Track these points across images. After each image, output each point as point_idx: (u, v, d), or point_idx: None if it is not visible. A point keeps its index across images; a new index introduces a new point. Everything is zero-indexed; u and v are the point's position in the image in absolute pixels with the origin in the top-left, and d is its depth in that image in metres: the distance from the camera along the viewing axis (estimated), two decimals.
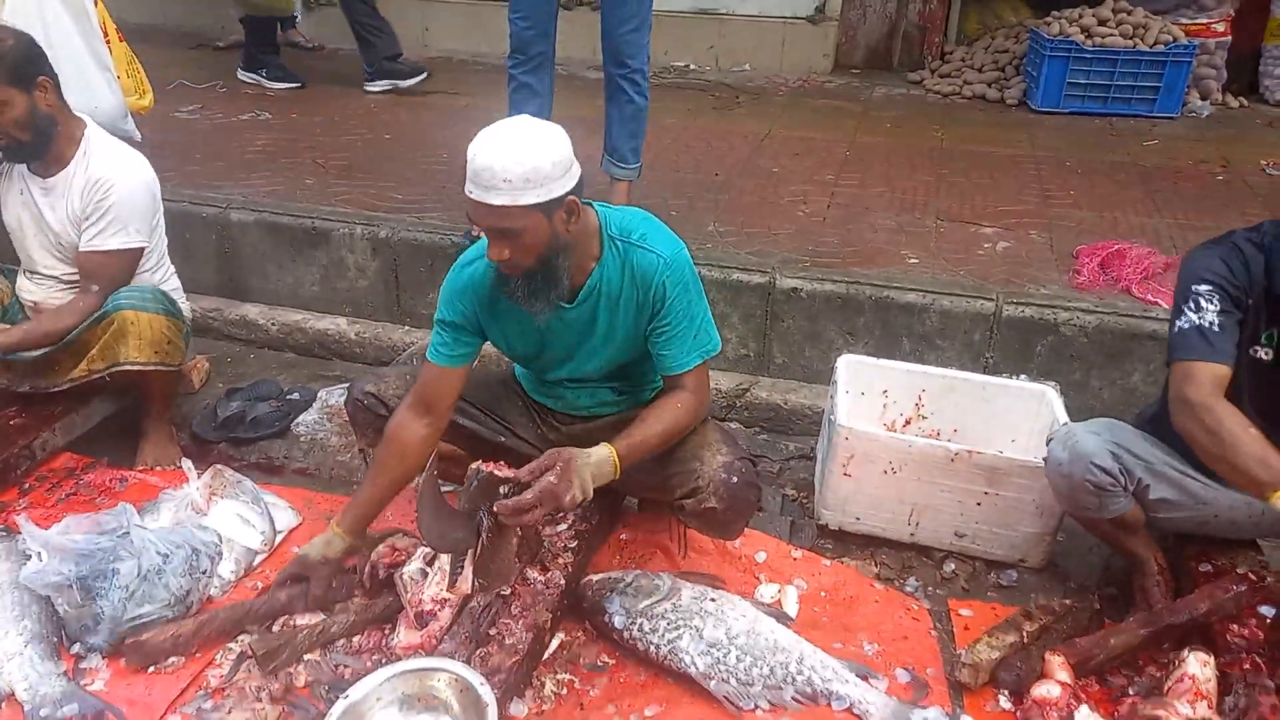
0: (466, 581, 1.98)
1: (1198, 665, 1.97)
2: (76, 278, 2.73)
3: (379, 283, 3.69)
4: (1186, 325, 2.00)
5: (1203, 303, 1.99)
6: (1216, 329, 1.96)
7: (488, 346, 2.27)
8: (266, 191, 3.92)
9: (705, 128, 5.01)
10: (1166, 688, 1.97)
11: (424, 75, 5.53)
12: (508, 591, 2.10)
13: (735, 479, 2.15)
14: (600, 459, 1.95)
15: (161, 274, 2.90)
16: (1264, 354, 2.05)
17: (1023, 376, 2.98)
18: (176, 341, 2.75)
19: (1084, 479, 2.15)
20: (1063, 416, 2.53)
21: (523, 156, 1.83)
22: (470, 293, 2.13)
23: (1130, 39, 5.20)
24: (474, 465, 1.92)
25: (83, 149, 2.64)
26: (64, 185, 2.63)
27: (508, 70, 3.39)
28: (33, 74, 2.50)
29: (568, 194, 1.90)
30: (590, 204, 2.09)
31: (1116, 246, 3.36)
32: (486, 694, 1.80)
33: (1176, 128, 5.17)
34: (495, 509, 1.86)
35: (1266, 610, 2.12)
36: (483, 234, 2.26)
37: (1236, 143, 4.89)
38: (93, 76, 3.46)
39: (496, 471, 1.88)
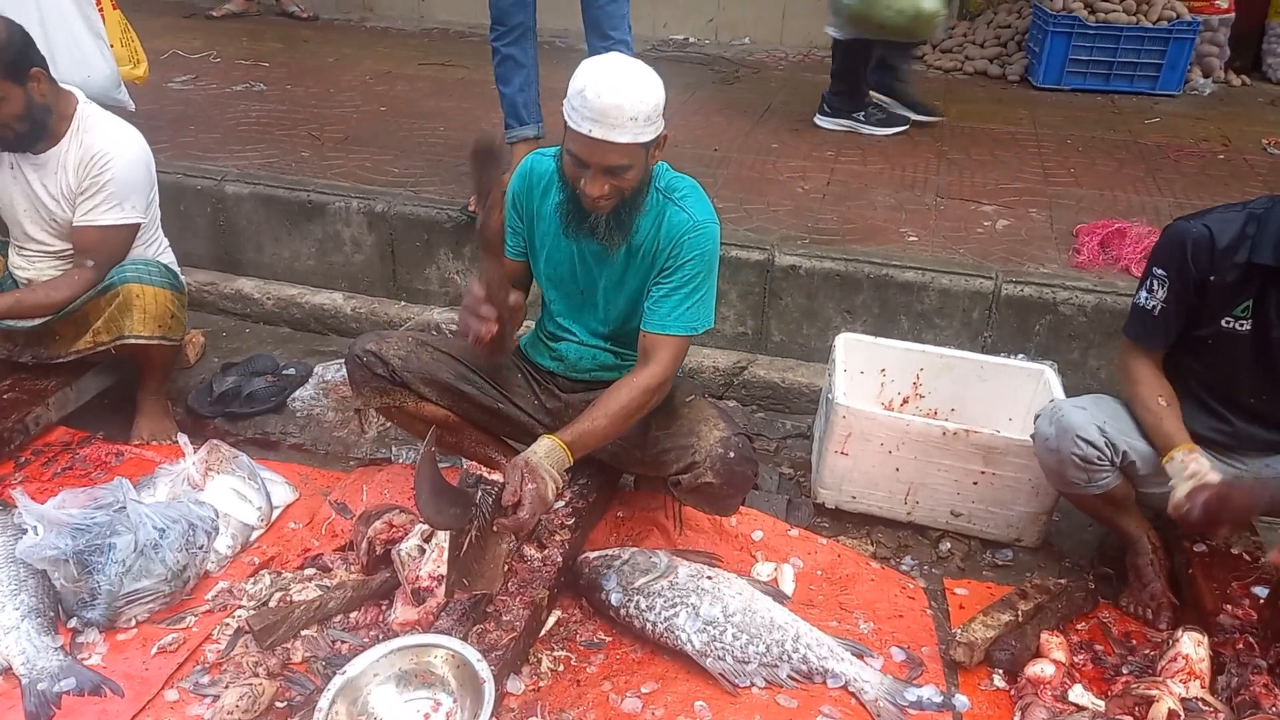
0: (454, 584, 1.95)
1: (1191, 645, 1.99)
2: (71, 252, 2.71)
3: (375, 257, 3.67)
4: (1138, 304, 2.19)
5: (1155, 286, 2.14)
6: (1157, 316, 2.14)
7: None
8: (261, 164, 3.88)
9: (704, 102, 4.96)
10: (1160, 667, 1.99)
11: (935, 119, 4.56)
12: (494, 591, 2.08)
13: (732, 454, 2.15)
14: (547, 449, 1.95)
15: (156, 247, 2.88)
16: (1239, 326, 2.08)
17: (1021, 356, 2.97)
18: (179, 316, 2.75)
19: (1071, 453, 2.16)
20: (1060, 395, 2.53)
21: (647, 95, 1.90)
22: (530, 181, 2.19)
23: (1133, 15, 5.14)
24: (464, 468, 1.92)
25: (75, 124, 2.60)
26: (57, 161, 2.59)
27: (491, 44, 3.35)
28: (26, 66, 2.45)
29: (664, 130, 1.99)
30: None
31: (1116, 225, 3.34)
32: (484, 670, 1.81)
33: (1178, 105, 5.13)
34: (495, 528, 1.87)
35: (1259, 590, 2.13)
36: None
37: (1238, 121, 4.85)
38: (86, 45, 3.41)
39: (486, 475, 1.89)
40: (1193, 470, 2.01)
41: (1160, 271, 2.13)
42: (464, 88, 5.02)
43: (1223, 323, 2.09)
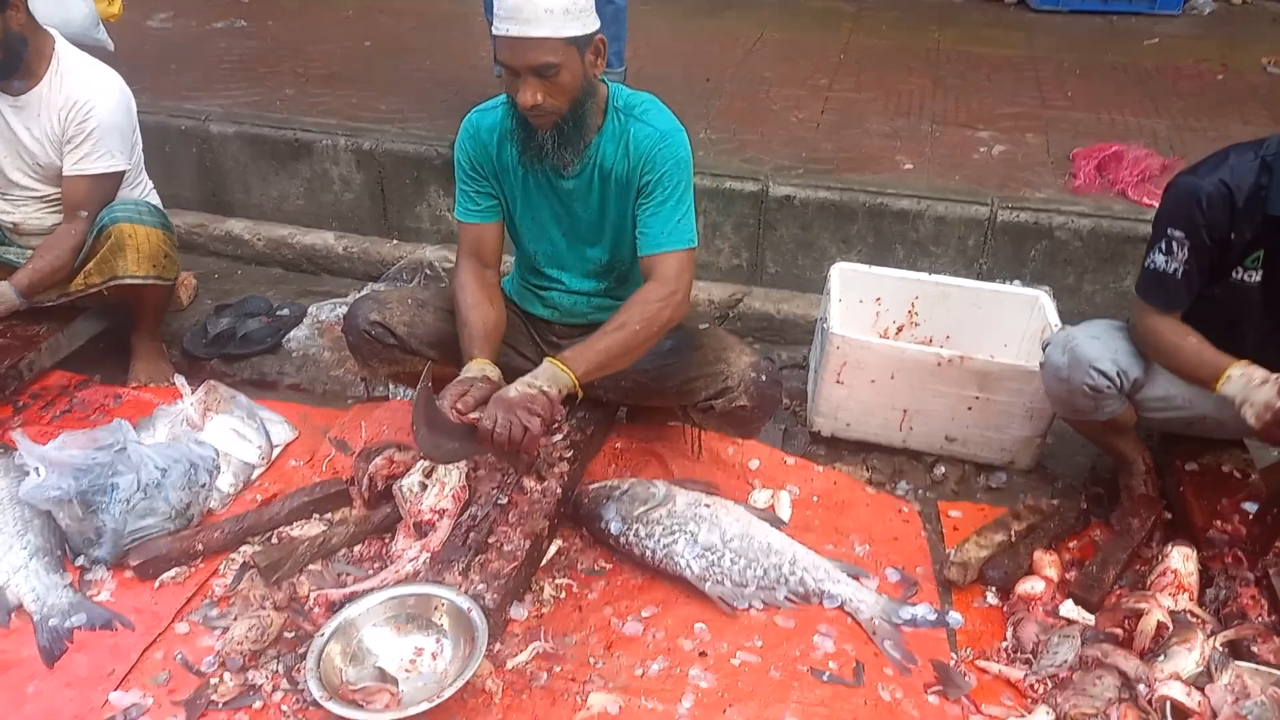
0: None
1: (1180, 559, 2.02)
2: (57, 197, 2.68)
3: (365, 196, 3.63)
4: (1153, 267, 2.07)
5: (1174, 247, 2.03)
6: (1179, 279, 2.04)
7: None
8: (246, 103, 3.82)
9: (696, 31, 4.87)
10: (1150, 581, 2.03)
11: None
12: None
13: (764, 377, 2.23)
14: (544, 374, 1.92)
15: (140, 190, 2.84)
16: (1249, 276, 2.03)
17: (1016, 282, 2.97)
18: (173, 255, 2.74)
19: (1083, 383, 2.15)
20: (1055, 321, 2.53)
21: None
22: (482, 139, 2.14)
23: None
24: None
25: (54, 66, 2.56)
26: (37, 104, 2.55)
27: None
28: None
29: (597, 32, 1.93)
30: (602, 78, 2.07)
31: (1113, 149, 3.31)
32: (477, 617, 1.82)
33: (1178, 26, 5.05)
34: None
35: (1249, 506, 2.17)
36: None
37: (1238, 41, 4.78)
38: None
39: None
40: (1261, 377, 1.91)
41: (1178, 233, 2.01)
42: (450, 22, 4.91)
43: (1232, 275, 2.04)
